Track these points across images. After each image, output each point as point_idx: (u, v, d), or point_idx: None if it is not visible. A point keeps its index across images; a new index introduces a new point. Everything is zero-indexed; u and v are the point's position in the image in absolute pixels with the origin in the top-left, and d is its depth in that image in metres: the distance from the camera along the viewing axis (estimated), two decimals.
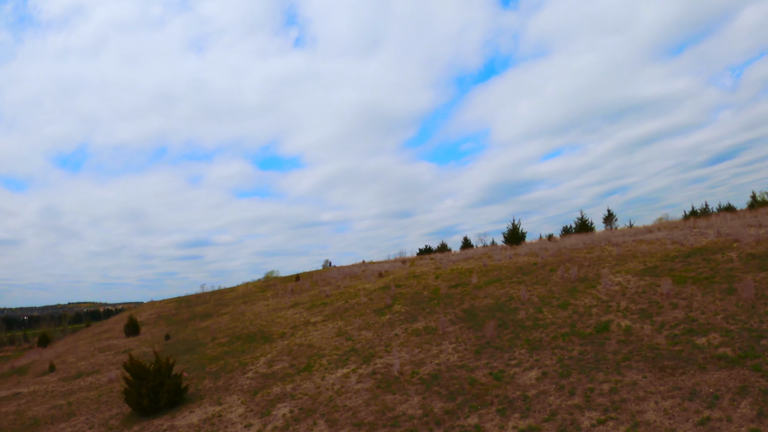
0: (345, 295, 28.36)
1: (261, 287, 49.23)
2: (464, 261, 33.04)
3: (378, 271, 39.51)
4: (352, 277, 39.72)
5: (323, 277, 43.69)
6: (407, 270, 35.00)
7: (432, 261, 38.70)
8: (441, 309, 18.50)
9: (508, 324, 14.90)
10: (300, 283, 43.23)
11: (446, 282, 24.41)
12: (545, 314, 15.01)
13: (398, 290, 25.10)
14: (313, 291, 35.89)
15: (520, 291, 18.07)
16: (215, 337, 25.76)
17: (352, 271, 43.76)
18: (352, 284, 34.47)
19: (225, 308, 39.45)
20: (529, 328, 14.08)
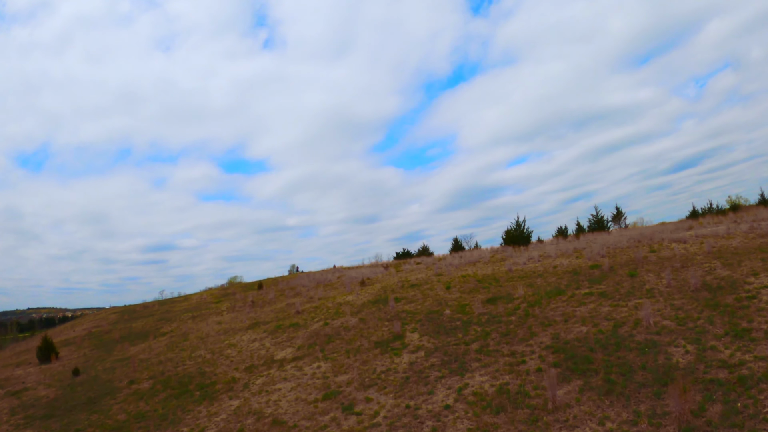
0: (323, 312, 20.38)
1: (218, 297, 40.13)
2: (471, 265, 25.57)
3: (357, 278, 31.63)
4: (327, 285, 31.59)
5: (290, 285, 35.32)
6: (396, 277, 27.26)
7: (424, 266, 31.08)
8: (499, 344, 10.95)
9: (690, 386, 7.29)
10: (263, 293, 34.66)
11: (468, 294, 16.88)
12: (742, 357, 7.37)
13: (400, 306, 17.38)
14: (278, 304, 27.59)
15: (629, 310, 10.76)
16: (134, 380, 17.15)
17: (325, 277, 35.58)
18: (328, 295, 26.43)
19: (168, 325, 30.35)
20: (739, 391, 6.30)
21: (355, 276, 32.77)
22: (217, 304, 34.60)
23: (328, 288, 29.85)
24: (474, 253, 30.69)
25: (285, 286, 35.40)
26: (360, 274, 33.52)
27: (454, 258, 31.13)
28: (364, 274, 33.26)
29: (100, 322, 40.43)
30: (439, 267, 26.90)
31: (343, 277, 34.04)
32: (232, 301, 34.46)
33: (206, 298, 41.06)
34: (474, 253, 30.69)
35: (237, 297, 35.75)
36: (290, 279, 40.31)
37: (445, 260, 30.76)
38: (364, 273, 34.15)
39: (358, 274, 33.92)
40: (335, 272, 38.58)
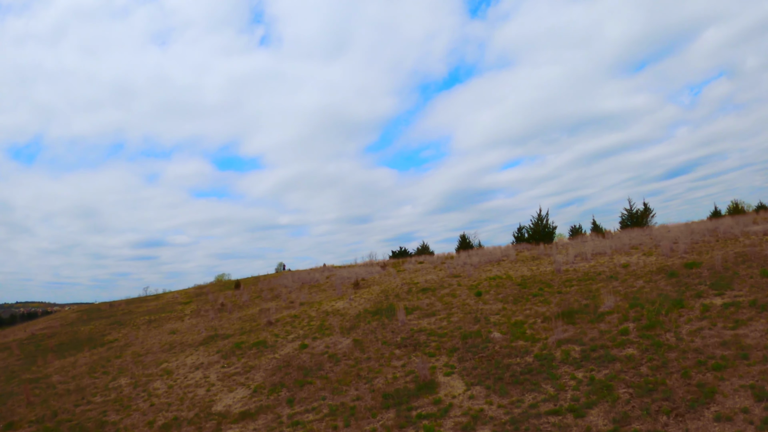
0: (302, 326, 14.42)
1: (190, 297, 33.84)
2: (494, 265, 19.68)
3: (350, 278, 25.72)
4: (313, 286, 25.57)
5: (271, 286, 29.20)
6: (399, 278, 21.34)
7: (430, 265, 25.17)
8: (654, 412, 5.27)
9: None
10: (238, 294, 28.53)
11: (515, 305, 10.94)
12: None
13: (414, 321, 11.47)
14: (250, 309, 21.56)
15: None
16: (12, 423, 11.19)
17: (312, 277, 29.51)
18: (313, 299, 20.50)
19: (117, 331, 24.13)
20: None
21: (348, 276, 26.77)
22: (185, 306, 28.42)
23: (314, 290, 23.85)
24: (492, 251, 24.87)
25: (265, 287, 29.29)
26: (353, 274, 27.55)
27: (466, 256, 25.28)
28: (358, 274, 27.29)
29: (54, 323, 33.93)
30: (452, 266, 21.01)
31: (333, 277, 28.01)
32: (202, 302, 28.32)
33: (177, 298, 34.71)
34: (492, 251, 24.87)
35: (209, 298, 29.58)
36: (273, 278, 34.15)
37: (457, 259, 24.86)
38: (358, 273, 28.17)
39: (350, 274, 27.92)
40: (324, 271, 32.52)
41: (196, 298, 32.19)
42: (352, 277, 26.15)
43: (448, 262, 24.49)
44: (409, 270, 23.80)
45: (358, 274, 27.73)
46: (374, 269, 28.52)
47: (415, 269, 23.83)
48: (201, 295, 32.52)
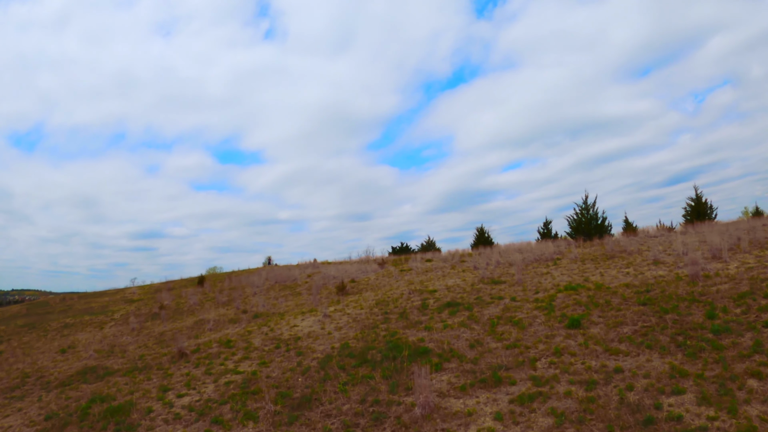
0: (224, 367, 7.77)
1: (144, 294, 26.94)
2: (550, 266, 12.76)
3: (336, 278, 18.91)
4: (285, 287, 18.67)
5: (235, 285, 22.25)
6: (404, 283, 14.51)
7: (446, 264, 18.27)
8: None
9: None
10: (191, 294, 21.66)
11: (694, 362, 4.55)
12: None
13: (456, 406, 4.94)
14: (186, 320, 14.67)
15: None
16: None
17: (291, 275, 22.58)
18: (276, 308, 13.67)
19: (17, 337, 17.40)
20: None
21: (335, 276, 19.88)
22: (125, 307, 21.52)
23: (286, 293, 16.99)
24: (536, 246, 17.91)
25: (228, 285, 22.37)
26: (342, 273, 20.68)
27: (495, 254, 18.34)
28: (348, 273, 20.43)
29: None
30: (480, 266, 14.14)
31: (317, 275, 21.13)
32: (146, 303, 21.45)
33: (132, 295, 27.68)
34: (536, 246, 17.91)
35: (160, 296, 22.64)
36: (245, 275, 27.17)
37: (478, 257, 17.93)
38: (349, 271, 21.28)
39: (339, 273, 21.03)
40: (308, 268, 25.57)
41: (149, 296, 25.18)
42: (341, 276, 19.28)
43: (468, 259, 17.57)
44: (417, 270, 16.92)
45: (348, 272, 20.84)
46: (370, 267, 21.61)
47: (425, 269, 16.95)
48: (158, 292, 25.54)
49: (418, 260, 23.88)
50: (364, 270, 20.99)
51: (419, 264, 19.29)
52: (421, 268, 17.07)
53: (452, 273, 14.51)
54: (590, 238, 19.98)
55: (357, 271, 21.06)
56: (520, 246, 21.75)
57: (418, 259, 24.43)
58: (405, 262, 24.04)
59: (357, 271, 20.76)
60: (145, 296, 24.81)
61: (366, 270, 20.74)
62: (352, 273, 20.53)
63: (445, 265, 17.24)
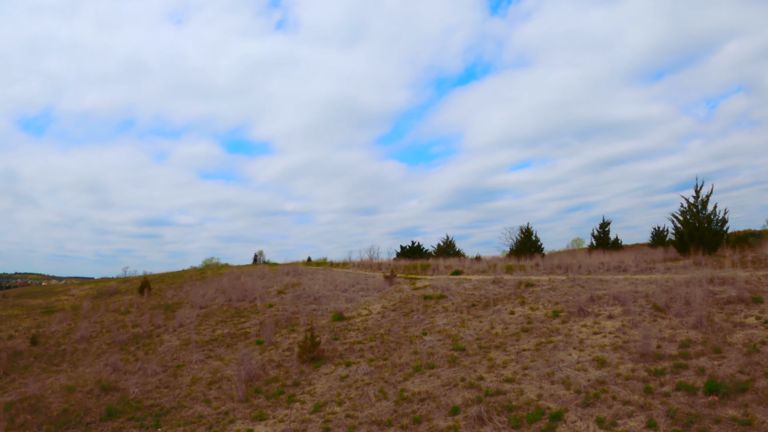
0: None
1: (86, 296, 20.03)
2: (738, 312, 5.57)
3: (322, 299, 11.77)
4: (234, 315, 11.48)
5: (187, 297, 15.08)
6: (438, 339, 7.38)
7: (495, 288, 10.98)
8: None
9: None
10: (123, 305, 14.53)
11: None
12: None
13: None
14: (39, 380, 7.80)
15: None
16: None
17: (253, 288, 15.32)
18: (177, 382, 6.84)
19: None
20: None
21: (318, 294, 12.75)
22: (23, 320, 14.50)
23: (222, 331, 9.81)
24: (620, 262, 10.66)
25: (173, 296, 15.12)
26: (331, 288, 13.55)
27: (578, 277, 11.07)
28: (338, 288, 13.27)
29: None
30: (548, 289, 6.92)
31: (291, 292, 14.02)
32: (36, 324, 14.37)
33: (57, 302, 20.64)
34: (620, 262, 10.66)
35: (86, 307, 15.45)
36: (202, 279, 19.84)
37: (568, 284, 10.59)
38: (341, 285, 14.11)
39: (326, 288, 13.88)
40: (289, 275, 18.28)
41: (78, 302, 17.99)
42: (326, 297, 12.10)
43: (540, 283, 10.24)
44: (454, 302, 9.69)
45: (339, 287, 13.67)
46: (372, 282, 14.44)
47: (464, 297, 9.69)
48: (98, 297, 18.39)
49: (442, 271, 16.60)
50: (363, 286, 13.77)
51: (448, 283, 12.03)
52: (458, 297, 9.79)
53: (539, 321, 7.28)
54: (707, 248, 12.64)
55: (353, 287, 13.85)
56: (602, 259, 14.32)
57: (441, 268, 17.15)
58: (423, 272, 16.79)
59: (353, 288, 13.55)
60: (76, 302, 17.77)
61: (366, 287, 13.53)
62: (345, 290, 13.33)
63: (499, 292, 9.94)
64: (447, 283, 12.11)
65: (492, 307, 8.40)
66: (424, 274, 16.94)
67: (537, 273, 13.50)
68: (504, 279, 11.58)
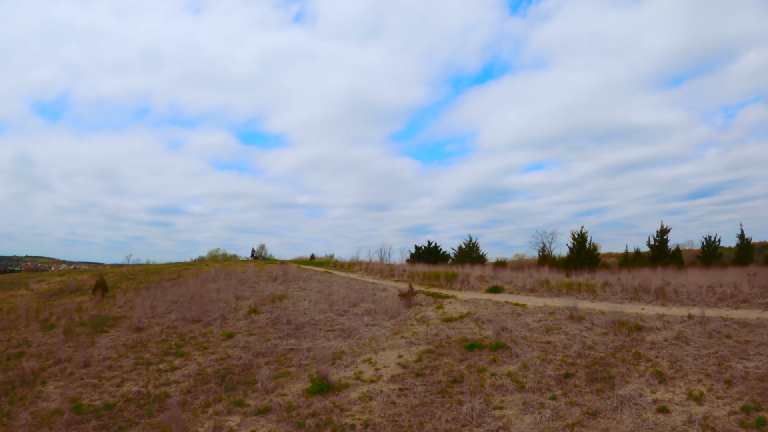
0: None
1: (40, 297, 16.42)
2: None
3: (306, 328, 7.90)
4: (182, 342, 7.73)
5: (142, 301, 11.26)
6: None
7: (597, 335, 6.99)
8: None
9: None
10: (71, 307, 10.84)
11: None
12: None
13: None
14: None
15: None
16: None
17: (226, 299, 11.50)
18: None
19: None
20: None
21: (303, 317, 8.88)
22: None
23: (136, 388, 5.88)
24: None
25: (98, 314, 11.26)
26: (323, 305, 9.69)
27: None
28: (334, 309, 9.40)
29: None
30: None
31: (267, 312, 10.06)
32: None
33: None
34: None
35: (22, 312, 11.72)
36: (178, 278, 16.02)
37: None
38: (339, 304, 10.17)
39: (317, 305, 10.00)
40: (276, 282, 14.34)
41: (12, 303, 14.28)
42: (311, 325, 8.19)
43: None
44: (545, 373, 5.60)
45: (335, 308, 9.74)
46: (383, 300, 10.58)
47: (576, 362, 5.63)
48: (52, 296, 14.61)
49: (474, 285, 12.52)
50: (370, 306, 9.85)
51: (496, 311, 8.06)
52: (530, 351, 5.74)
53: None
54: None
55: (355, 306, 9.93)
56: (696, 279, 10.13)
57: (473, 280, 13.05)
58: (448, 284, 12.74)
59: (355, 310, 9.64)
60: (28, 300, 14.06)
61: (374, 308, 9.61)
62: (344, 312, 9.43)
63: (595, 341, 5.88)
64: (494, 311, 8.09)
65: (608, 386, 4.31)
66: (450, 287, 12.91)
67: (615, 297, 9.38)
68: (580, 309, 7.48)
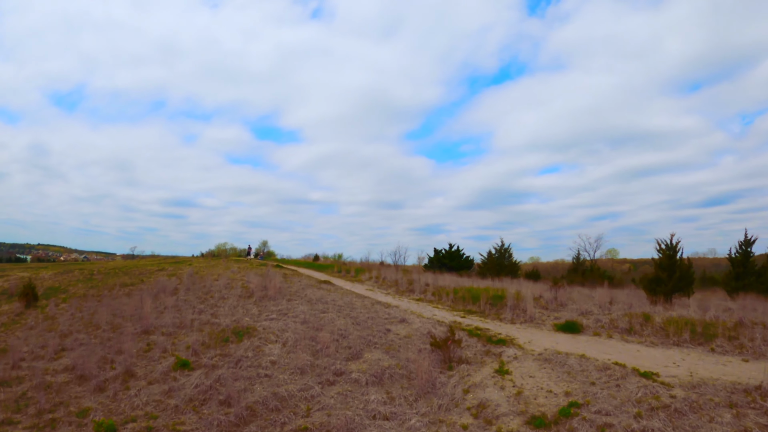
0: None
1: None
2: None
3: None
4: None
5: (70, 317, 7.44)
6: None
7: None
8: None
9: None
10: None
11: None
12: None
13: None
14: None
15: None
16: None
17: (143, 350, 7.80)
18: None
19: None
20: None
21: (262, 389, 4.93)
22: None
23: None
24: None
25: (51, 319, 7.48)
26: (307, 350, 5.78)
27: None
28: (324, 351, 5.49)
29: None
30: None
31: (190, 384, 5.99)
32: None
33: None
34: None
35: None
36: (140, 283, 12.30)
37: None
38: (337, 345, 6.08)
39: (292, 367, 6.04)
40: (248, 297, 10.48)
41: None
42: (276, 413, 4.29)
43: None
44: None
45: (331, 349, 5.73)
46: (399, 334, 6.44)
47: None
48: None
49: (535, 318, 8.58)
50: (381, 356, 5.86)
51: (626, 401, 4.00)
52: None
53: None
54: None
55: (357, 357, 5.99)
56: None
57: (530, 310, 8.99)
58: (495, 312, 8.74)
59: (358, 368, 5.63)
60: None
61: (388, 365, 5.58)
62: (338, 374, 5.47)
63: None
64: (612, 395, 4.01)
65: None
66: (498, 317, 8.89)
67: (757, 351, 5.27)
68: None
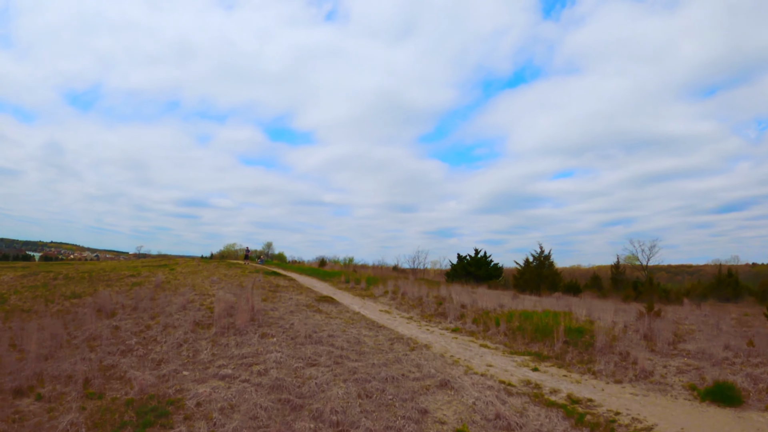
0: None
1: None
2: None
3: None
4: None
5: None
6: None
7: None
8: None
9: None
10: None
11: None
12: None
13: None
14: None
15: None
16: None
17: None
18: None
19: None
20: None
21: None
22: None
23: None
24: None
25: None
26: None
27: None
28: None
29: None
30: None
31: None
32: None
33: None
34: None
35: None
36: (75, 297, 9.58)
37: None
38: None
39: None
40: (199, 326, 7.57)
41: None
42: None
43: None
44: None
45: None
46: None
47: None
48: None
49: (693, 400, 5.35)
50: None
51: None
52: None
53: None
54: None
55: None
56: None
57: (643, 359, 5.76)
58: (587, 359, 5.51)
59: None
60: None
61: None
62: None
63: None
64: None
65: None
66: (591, 372, 5.51)
67: None
68: None
